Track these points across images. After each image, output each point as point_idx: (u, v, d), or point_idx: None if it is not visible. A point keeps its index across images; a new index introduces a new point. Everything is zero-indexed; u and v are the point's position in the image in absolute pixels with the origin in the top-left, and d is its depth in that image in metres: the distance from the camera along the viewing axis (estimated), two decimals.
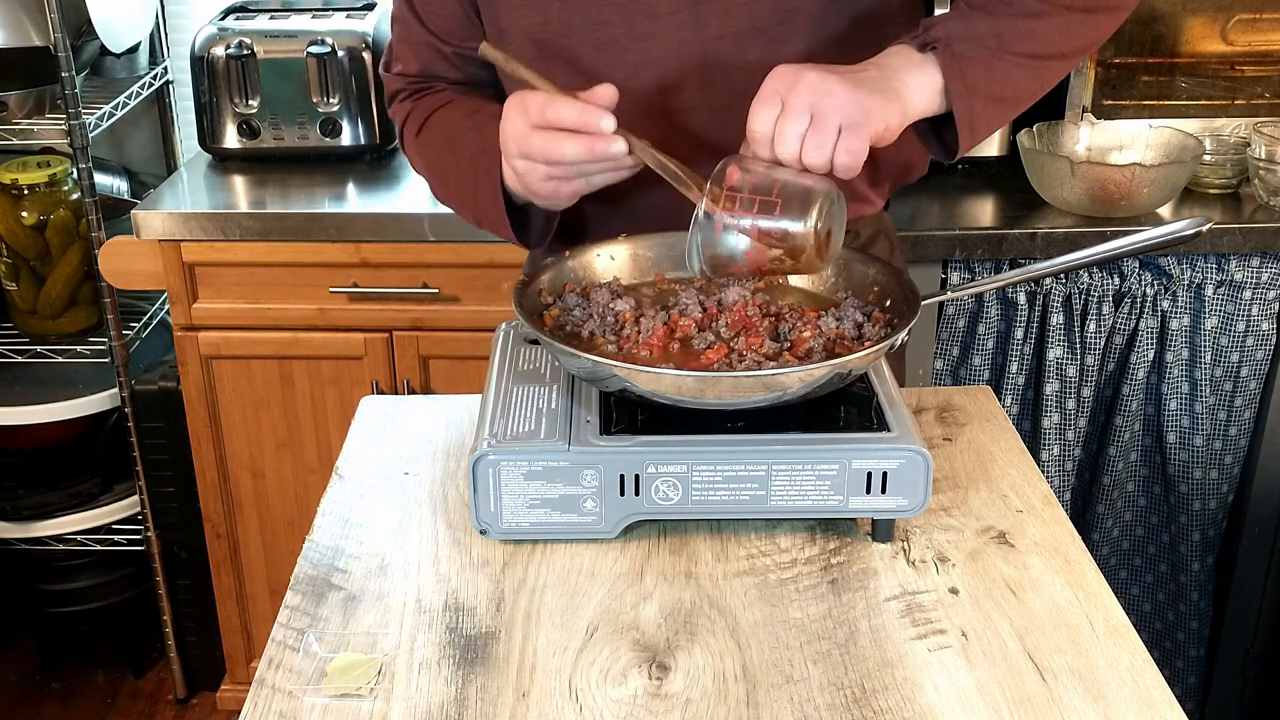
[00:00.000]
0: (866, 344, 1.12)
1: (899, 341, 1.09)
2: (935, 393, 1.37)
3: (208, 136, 2.24)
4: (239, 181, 2.21)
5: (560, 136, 1.11)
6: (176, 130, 2.60)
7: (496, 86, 1.37)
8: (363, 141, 2.23)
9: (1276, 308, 2.03)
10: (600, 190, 1.20)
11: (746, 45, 1.25)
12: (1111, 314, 2.01)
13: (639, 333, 1.14)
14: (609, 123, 1.10)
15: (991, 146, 2.13)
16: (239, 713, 0.94)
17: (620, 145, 1.11)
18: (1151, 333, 2.03)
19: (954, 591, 1.06)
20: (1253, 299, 2.01)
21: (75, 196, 2.26)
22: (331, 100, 2.19)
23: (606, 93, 1.11)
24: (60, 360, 2.33)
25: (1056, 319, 2.00)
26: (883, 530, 1.11)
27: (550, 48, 1.26)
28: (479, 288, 2.08)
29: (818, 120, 1.06)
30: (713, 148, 1.20)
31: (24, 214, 2.25)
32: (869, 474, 1.07)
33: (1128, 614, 1.03)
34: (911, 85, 1.13)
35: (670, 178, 1.14)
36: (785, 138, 1.07)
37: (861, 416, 1.12)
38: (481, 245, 2.04)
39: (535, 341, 1.22)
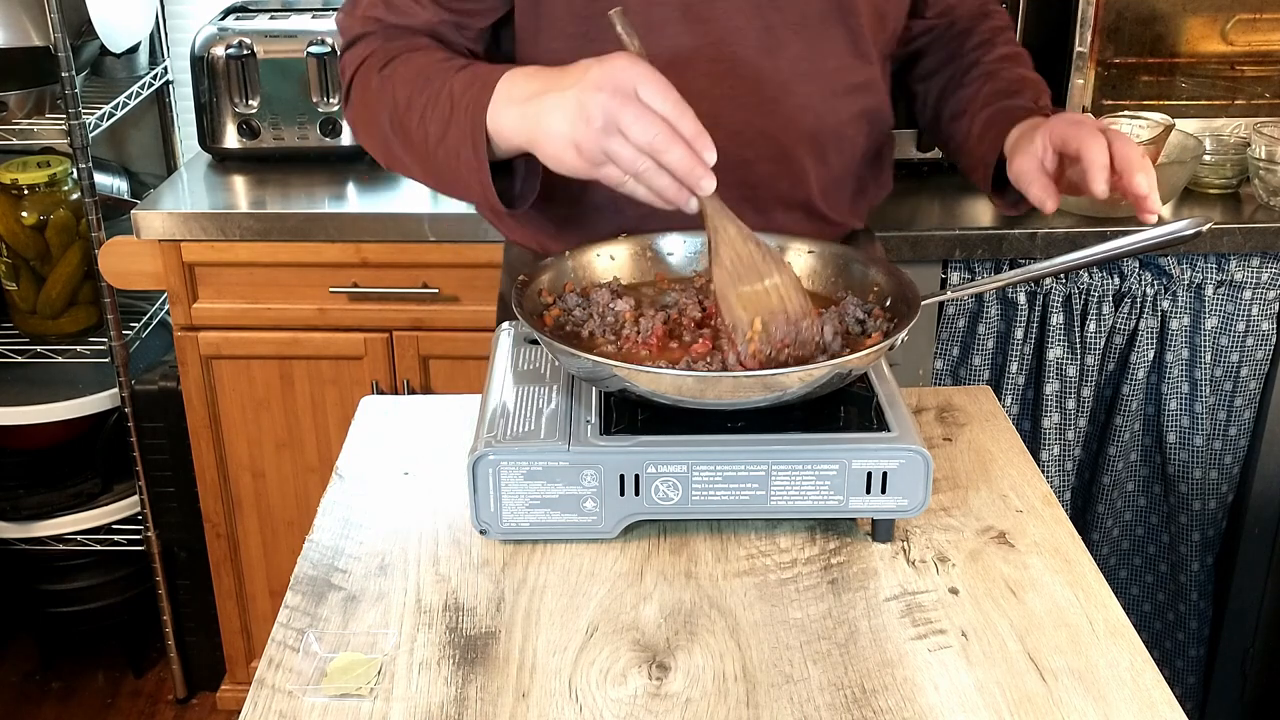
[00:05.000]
0: (867, 343, 1.13)
1: (899, 342, 1.09)
2: (935, 393, 1.37)
3: (208, 136, 2.24)
4: (239, 181, 2.21)
5: (675, 140, 1.03)
6: (176, 130, 2.60)
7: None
8: None
9: (1276, 308, 2.03)
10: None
11: (785, 40, 1.29)
12: (1111, 314, 2.01)
13: (638, 333, 1.14)
14: (711, 155, 1.04)
15: None
16: (239, 713, 0.94)
17: (711, 184, 1.05)
18: (1151, 333, 2.03)
19: (954, 591, 1.06)
20: (1253, 299, 2.01)
21: (75, 196, 2.26)
22: (331, 100, 2.19)
23: (711, 145, 1.06)
24: (60, 360, 2.33)
25: (1056, 319, 2.00)
26: (883, 530, 1.11)
27: (590, 23, 1.23)
28: (479, 288, 2.08)
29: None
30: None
31: (24, 214, 2.25)
32: (869, 474, 1.07)
33: (1128, 614, 1.03)
34: None
35: (727, 244, 1.11)
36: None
37: (861, 416, 1.12)
38: (481, 245, 2.04)
39: (535, 341, 1.22)
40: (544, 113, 1.07)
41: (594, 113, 1.03)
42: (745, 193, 1.33)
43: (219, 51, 2.17)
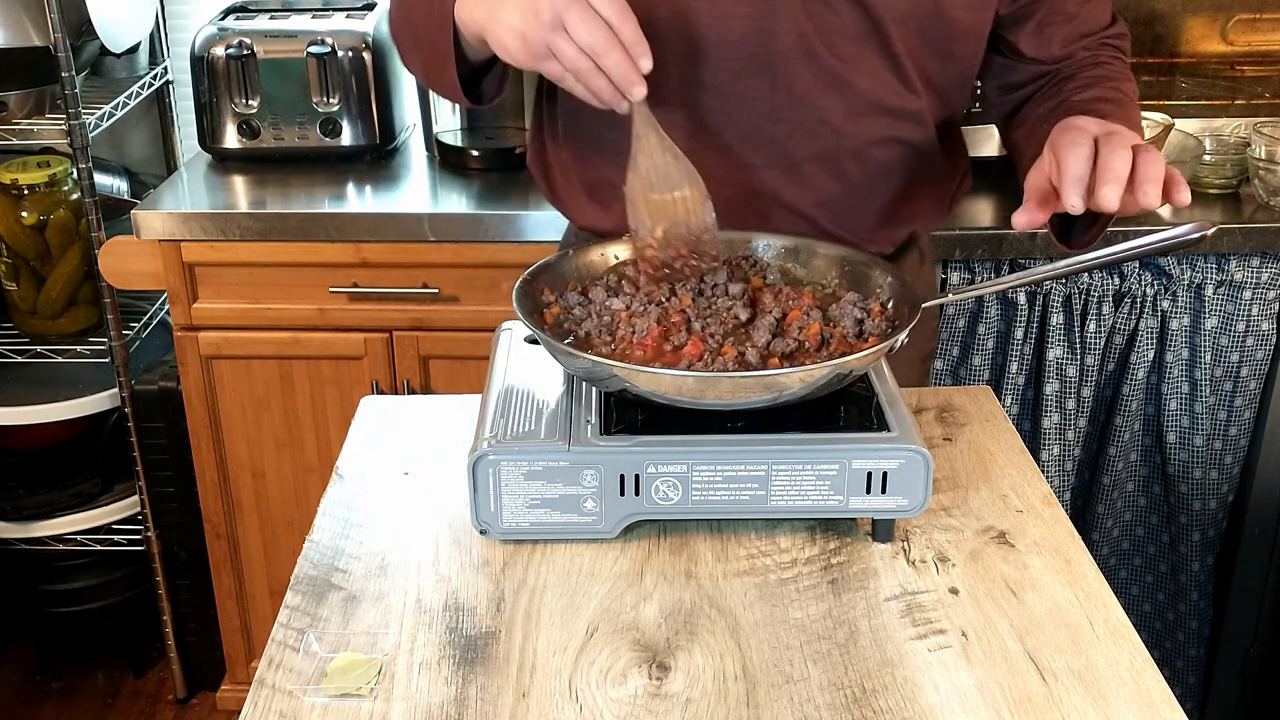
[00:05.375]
0: (867, 343, 1.13)
1: (899, 342, 1.09)
2: (935, 393, 1.37)
3: (208, 136, 2.24)
4: (239, 181, 2.21)
5: (614, 44, 1.09)
6: (176, 130, 2.60)
7: None
8: (363, 141, 2.23)
9: (1276, 308, 2.03)
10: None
11: (838, 46, 1.27)
12: (1111, 314, 2.01)
13: (633, 332, 1.14)
14: (648, 63, 1.11)
15: (991, 147, 2.13)
16: (239, 713, 0.94)
17: (643, 90, 1.11)
18: (1151, 333, 2.03)
19: (954, 591, 1.06)
20: (1253, 299, 2.01)
21: (75, 196, 2.26)
22: (331, 100, 2.19)
23: (648, 54, 1.12)
24: (60, 360, 2.33)
25: (1056, 319, 2.00)
26: (883, 530, 1.11)
27: None
28: (479, 288, 2.08)
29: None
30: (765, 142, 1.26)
31: (24, 214, 2.25)
32: (869, 474, 1.07)
33: (1128, 614, 1.03)
34: None
35: (648, 151, 1.17)
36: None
37: (861, 416, 1.12)
38: (481, 245, 2.04)
39: (535, 341, 1.22)
40: (500, 4, 1.13)
41: (543, 8, 1.09)
42: (747, 197, 1.33)
43: (219, 51, 2.17)
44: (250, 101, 2.19)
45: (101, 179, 2.33)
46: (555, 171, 1.46)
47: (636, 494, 1.08)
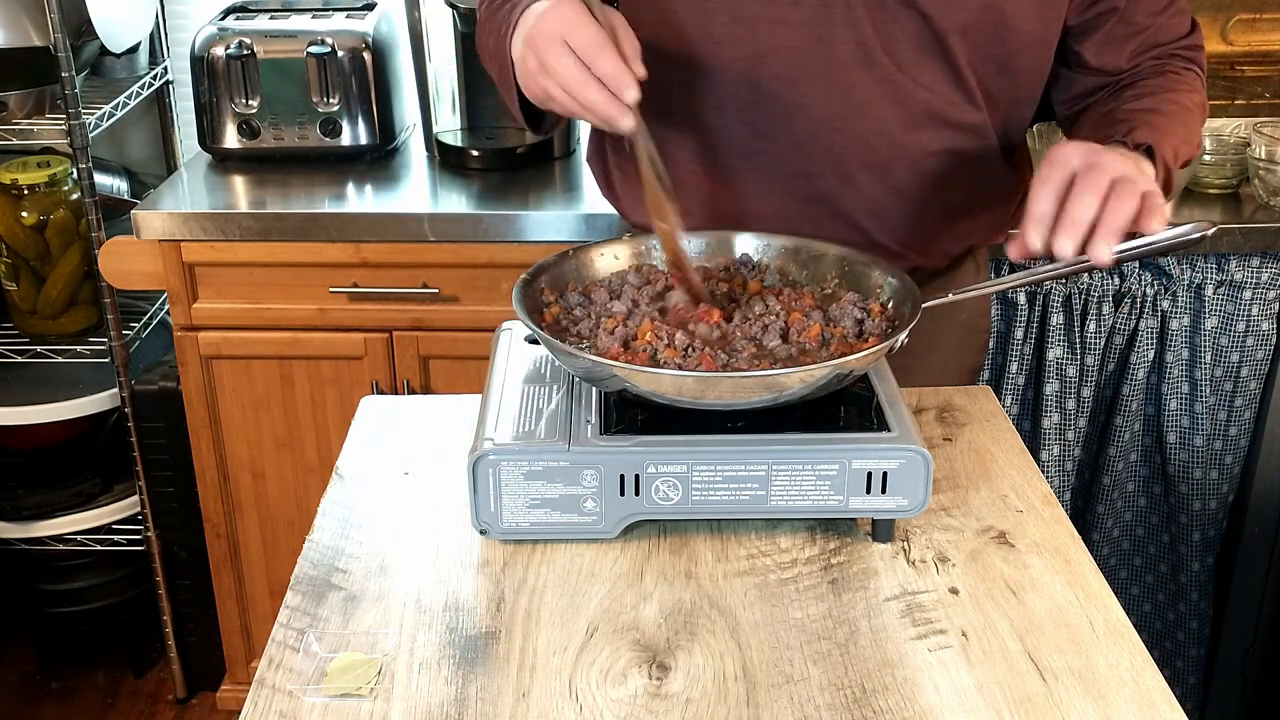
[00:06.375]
0: (867, 343, 1.13)
1: (899, 342, 1.09)
2: (935, 393, 1.37)
3: (208, 136, 2.24)
4: (239, 181, 2.21)
5: (589, 80, 1.11)
6: (176, 130, 2.60)
7: None
8: (363, 141, 2.23)
9: (1276, 308, 2.03)
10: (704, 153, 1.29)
11: (875, 58, 1.26)
12: (1111, 314, 2.01)
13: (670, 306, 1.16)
14: (633, 95, 1.11)
15: None
16: (239, 713, 0.94)
17: (630, 123, 1.12)
18: (1151, 333, 2.03)
19: (954, 591, 1.06)
20: (1253, 299, 2.01)
21: (75, 196, 2.26)
22: (331, 100, 2.19)
23: (640, 69, 1.13)
24: (60, 360, 2.33)
25: (1056, 319, 2.00)
26: (883, 530, 1.11)
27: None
28: (479, 288, 2.08)
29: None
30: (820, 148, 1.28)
31: (24, 214, 2.25)
32: (869, 474, 1.07)
33: (1128, 614, 1.03)
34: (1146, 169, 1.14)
35: (648, 181, 1.18)
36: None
37: (861, 416, 1.12)
38: (481, 245, 2.04)
39: (535, 341, 1.22)
40: (521, 51, 1.18)
41: (529, 57, 1.16)
42: (800, 205, 1.32)
43: (219, 51, 2.17)
44: (250, 101, 2.19)
45: (101, 179, 2.33)
46: (612, 167, 1.47)
47: (636, 494, 1.08)
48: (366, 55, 2.18)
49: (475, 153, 2.23)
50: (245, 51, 2.16)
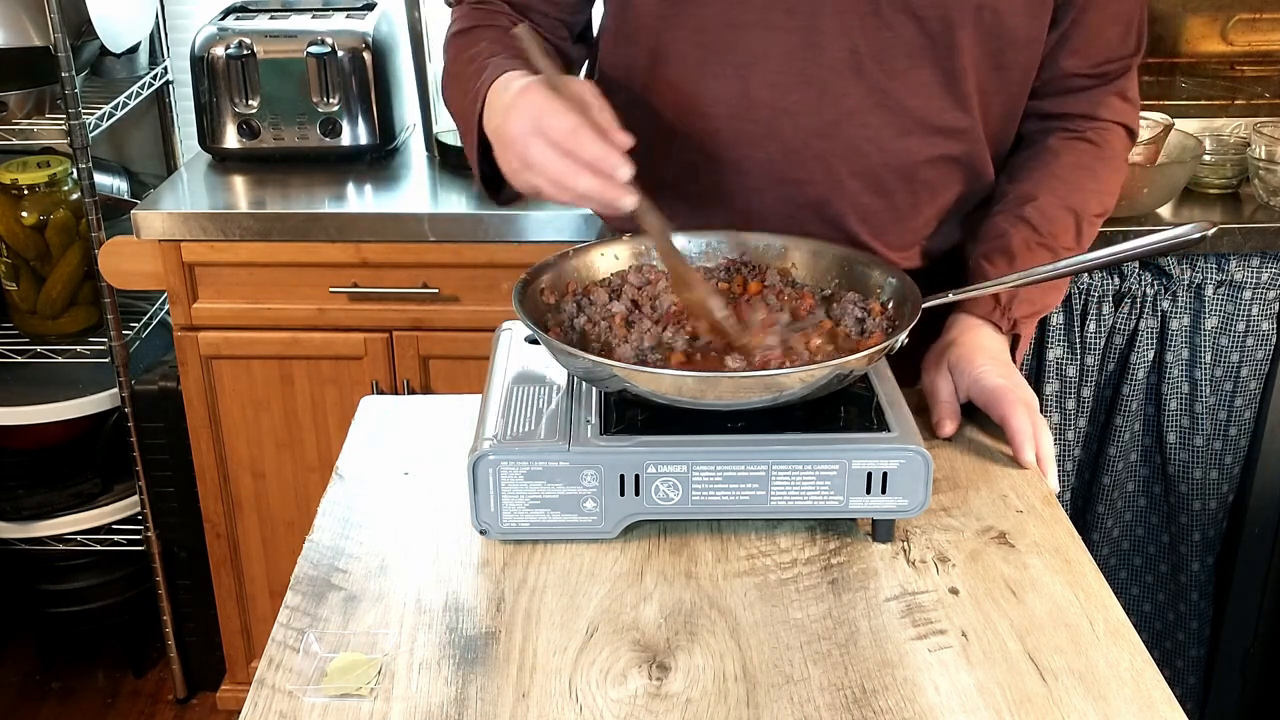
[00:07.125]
0: (868, 343, 1.13)
1: (899, 342, 1.09)
2: None
3: (208, 136, 2.24)
4: (239, 181, 2.21)
5: (576, 169, 1.08)
6: (176, 130, 2.60)
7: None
8: (363, 141, 2.23)
9: (1276, 308, 2.03)
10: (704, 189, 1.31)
11: (868, 67, 1.27)
12: (1111, 314, 2.01)
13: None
14: (625, 171, 1.07)
15: None
16: (239, 713, 0.94)
17: (632, 200, 1.09)
18: (1151, 333, 2.03)
19: (954, 591, 1.06)
20: (1253, 299, 2.01)
21: (75, 196, 2.26)
22: (331, 100, 2.19)
23: (624, 139, 1.09)
24: (60, 360, 2.33)
25: (1056, 319, 2.00)
26: (883, 530, 1.11)
27: (680, 5, 1.27)
28: (479, 288, 2.08)
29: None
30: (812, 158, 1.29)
31: (24, 214, 2.25)
32: (869, 474, 1.07)
33: (1128, 614, 1.03)
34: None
35: (663, 253, 1.17)
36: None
37: (861, 416, 1.12)
38: (481, 245, 2.04)
39: (535, 341, 1.22)
40: (501, 147, 1.16)
41: (510, 157, 1.14)
42: (791, 210, 1.32)
43: (219, 51, 2.17)
44: (250, 101, 2.19)
45: (101, 179, 2.33)
46: None
47: (636, 494, 1.08)
48: (366, 55, 2.18)
49: None
50: (245, 51, 2.16)
